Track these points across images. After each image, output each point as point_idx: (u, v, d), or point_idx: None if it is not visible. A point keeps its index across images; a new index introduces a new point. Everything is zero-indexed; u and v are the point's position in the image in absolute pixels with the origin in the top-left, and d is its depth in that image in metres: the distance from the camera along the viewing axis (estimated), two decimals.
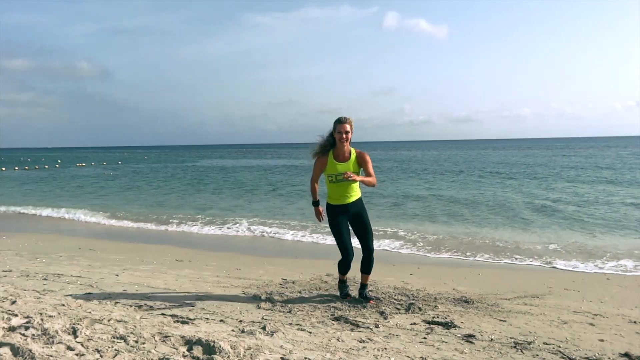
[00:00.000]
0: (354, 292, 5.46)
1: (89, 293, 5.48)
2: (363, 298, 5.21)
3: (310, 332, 4.07)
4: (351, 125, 4.93)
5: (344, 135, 4.89)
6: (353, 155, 5.00)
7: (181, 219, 13.85)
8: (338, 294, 5.45)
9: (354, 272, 5.51)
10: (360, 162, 5.02)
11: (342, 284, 5.42)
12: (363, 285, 5.32)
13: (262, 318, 4.55)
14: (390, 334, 4.21)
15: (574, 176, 26.50)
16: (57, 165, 52.47)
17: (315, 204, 5.33)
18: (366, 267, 5.20)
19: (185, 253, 8.84)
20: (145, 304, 4.94)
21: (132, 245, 9.83)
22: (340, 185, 5.00)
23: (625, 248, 9.11)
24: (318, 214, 5.32)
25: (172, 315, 4.42)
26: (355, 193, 5.11)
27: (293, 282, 6.19)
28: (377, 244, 8.90)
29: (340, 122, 4.93)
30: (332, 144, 5.01)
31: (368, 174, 5.02)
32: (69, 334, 3.43)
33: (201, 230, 12.17)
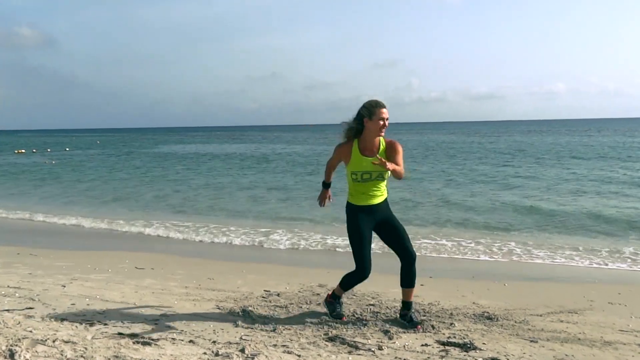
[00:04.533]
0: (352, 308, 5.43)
1: (30, 307, 5.45)
2: (408, 322, 5.00)
3: (299, 355, 4.08)
4: None
5: (386, 123, 4.82)
6: (382, 146, 4.91)
7: (142, 218, 13.83)
8: (327, 311, 5.36)
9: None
10: (391, 154, 4.89)
11: (337, 300, 5.34)
12: (406, 304, 5.12)
13: (241, 338, 4.55)
14: (396, 357, 4.22)
15: None
16: None
17: (326, 185, 5.34)
18: (409, 278, 5.00)
19: (146, 259, 8.82)
20: (98, 321, 4.92)
21: (81, 251, 9.78)
22: (367, 183, 4.91)
23: None
24: (324, 198, 5.32)
25: (131, 335, 4.41)
26: (384, 192, 5.03)
27: (278, 295, 6.19)
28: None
29: (380, 106, 4.81)
30: (359, 130, 4.90)
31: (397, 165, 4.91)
32: (5, 357, 3.41)
33: (166, 232, 12.13)
